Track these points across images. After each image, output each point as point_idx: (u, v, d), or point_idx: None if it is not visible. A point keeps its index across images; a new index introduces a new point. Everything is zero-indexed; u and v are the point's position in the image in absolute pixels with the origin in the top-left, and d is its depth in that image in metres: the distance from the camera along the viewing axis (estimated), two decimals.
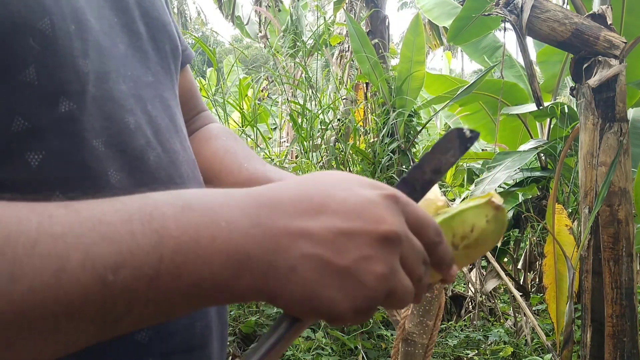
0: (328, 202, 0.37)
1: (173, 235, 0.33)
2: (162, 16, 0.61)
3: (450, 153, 0.45)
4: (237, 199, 0.37)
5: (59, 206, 0.33)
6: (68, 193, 0.43)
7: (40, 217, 0.32)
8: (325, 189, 0.38)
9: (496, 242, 0.48)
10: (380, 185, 0.40)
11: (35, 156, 0.41)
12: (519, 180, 3.64)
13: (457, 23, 3.87)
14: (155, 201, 0.35)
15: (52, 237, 0.31)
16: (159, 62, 0.58)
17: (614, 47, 2.00)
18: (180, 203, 0.35)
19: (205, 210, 0.35)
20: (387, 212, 0.38)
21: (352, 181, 0.40)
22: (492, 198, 0.46)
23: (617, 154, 2.00)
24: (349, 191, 0.38)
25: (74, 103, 0.43)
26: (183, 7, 26.13)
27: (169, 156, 0.53)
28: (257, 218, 0.36)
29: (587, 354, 2.13)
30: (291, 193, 0.38)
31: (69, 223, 0.32)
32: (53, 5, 0.43)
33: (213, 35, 7.82)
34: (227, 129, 0.75)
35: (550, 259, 2.42)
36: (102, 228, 0.32)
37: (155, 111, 0.53)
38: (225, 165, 0.66)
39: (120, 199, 0.35)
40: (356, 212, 0.37)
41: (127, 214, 0.33)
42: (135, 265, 0.32)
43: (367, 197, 0.38)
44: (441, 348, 3.09)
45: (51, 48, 0.42)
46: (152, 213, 0.34)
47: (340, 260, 0.36)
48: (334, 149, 3.73)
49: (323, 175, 0.41)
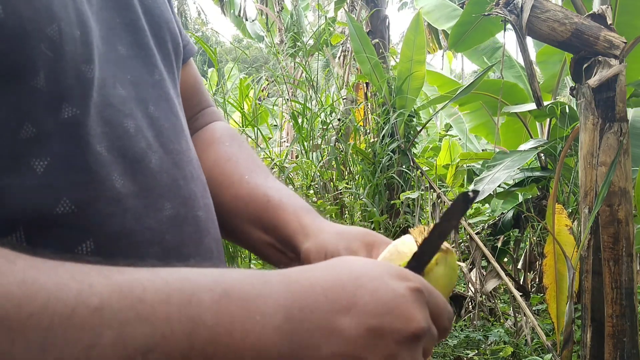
0: (360, 293, 0.38)
1: (207, 325, 0.34)
2: (164, 13, 0.60)
3: (455, 217, 0.48)
4: (273, 288, 0.37)
5: (100, 274, 0.33)
6: (75, 198, 0.42)
7: (80, 285, 0.31)
8: (357, 277, 0.39)
9: (450, 287, 0.49)
10: (407, 276, 0.41)
11: (41, 162, 0.41)
12: (519, 180, 3.64)
13: (457, 29, 3.86)
14: (195, 284, 0.35)
15: (88, 309, 0.31)
16: (162, 60, 0.58)
17: (614, 47, 2.00)
18: (219, 290, 0.35)
19: (242, 301, 0.36)
20: (415, 307, 0.39)
21: (382, 269, 0.40)
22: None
23: (617, 154, 2.00)
24: (379, 281, 0.39)
25: (76, 108, 0.43)
26: (183, 7, 26.13)
27: (172, 158, 0.53)
28: (290, 312, 0.36)
29: (587, 354, 2.13)
30: (323, 281, 0.39)
31: (108, 295, 0.32)
32: (61, 11, 0.43)
33: (214, 35, 7.83)
34: (232, 129, 0.74)
35: (550, 259, 2.42)
36: (140, 307, 0.32)
37: (158, 112, 0.53)
38: (226, 176, 0.65)
39: (162, 274, 0.35)
40: (387, 308, 0.38)
41: (166, 295, 0.33)
42: (165, 350, 0.32)
43: (397, 290, 0.39)
44: (441, 348, 3.09)
45: (58, 54, 0.42)
46: (191, 299, 0.34)
47: (369, 357, 0.37)
48: (335, 149, 3.74)
49: (353, 261, 0.42)
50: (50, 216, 0.41)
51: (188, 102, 0.70)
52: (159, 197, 0.50)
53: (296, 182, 3.65)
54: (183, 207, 0.52)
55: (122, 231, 0.45)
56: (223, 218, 0.63)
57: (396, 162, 3.88)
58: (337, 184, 3.78)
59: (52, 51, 0.41)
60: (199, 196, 0.55)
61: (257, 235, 0.62)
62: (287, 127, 5.65)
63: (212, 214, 0.58)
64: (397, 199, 3.71)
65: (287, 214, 0.60)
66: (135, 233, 0.46)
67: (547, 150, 3.48)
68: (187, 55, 0.69)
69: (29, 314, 0.29)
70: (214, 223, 0.58)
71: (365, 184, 3.87)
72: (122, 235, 0.45)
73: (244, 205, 0.63)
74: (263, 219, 0.61)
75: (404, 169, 3.87)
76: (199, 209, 0.54)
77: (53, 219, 0.42)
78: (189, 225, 0.52)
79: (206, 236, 0.55)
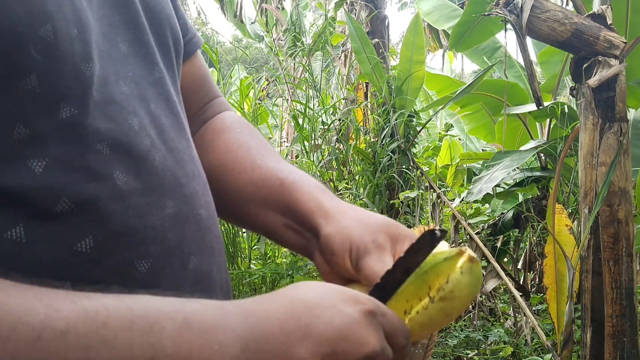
0: (314, 323, 0.40)
1: (167, 353, 0.36)
2: (164, 9, 0.60)
3: (420, 253, 0.48)
4: (232, 320, 0.40)
5: (67, 299, 0.35)
6: (74, 198, 0.43)
7: (47, 310, 0.33)
8: (312, 307, 0.41)
9: (472, 297, 0.50)
10: (360, 299, 0.43)
11: (39, 163, 0.41)
12: (519, 180, 3.64)
13: (458, 29, 3.86)
14: (158, 312, 0.37)
15: (54, 332, 0.32)
16: (162, 58, 0.57)
17: (614, 47, 2.00)
18: (180, 318, 0.37)
19: (201, 330, 0.38)
20: (369, 331, 0.41)
21: (335, 296, 0.43)
22: (466, 250, 0.48)
23: (617, 154, 2.00)
24: (333, 310, 0.41)
25: (75, 108, 0.43)
26: (184, 7, 26.12)
27: (174, 155, 0.53)
28: (246, 343, 0.39)
29: (587, 354, 2.13)
30: (280, 313, 0.41)
31: (74, 320, 0.33)
32: (56, 10, 0.42)
33: (214, 35, 7.81)
34: (241, 118, 0.74)
35: (550, 259, 2.42)
36: (104, 332, 0.34)
37: (158, 110, 0.53)
38: (237, 163, 0.65)
39: (127, 302, 0.37)
40: (341, 335, 0.40)
41: (129, 322, 0.35)
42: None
43: (351, 316, 0.41)
44: (441, 348, 3.09)
45: (53, 55, 0.42)
46: (153, 326, 0.36)
47: None
48: (335, 149, 3.74)
49: (309, 290, 0.43)
50: (50, 214, 0.42)
51: (197, 94, 0.69)
52: (162, 196, 0.49)
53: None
54: (185, 206, 0.52)
55: (124, 229, 0.45)
56: (237, 204, 0.64)
57: (396, 162, 3.88)
58: (337, 184, 3.78)
59: (45, 52, 0.41)
60: (200, 194, 0.55)
61: (273, 218, 0.62)
62: (287, 127, 5.65)
63: (213, 212, 0.58)
64: (397, 199, 3.71)
65: (302, 194, 0.59)
66: (137, 231, 0.46)
67: (547, 150, 3.48)
68: (193, 47, 0.68)
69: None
70: (215, 221, 0.58)
71: (366, 184, 3.87)
72: (124, 233, 0.45)
73: (258, 190, 0.62)
74: (278, 200, 0.61)
75: (404, 169, 3.87)
76: (200, 207, 0.54)
77: (52, 217, 0.42)
78: (190, 223, 0.52)
79: (207, 234, 0.55)
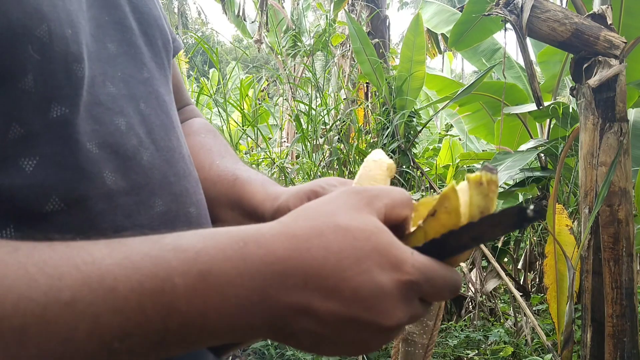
0: (342, 287, 0.36)
1: (181, 311, 0.34)
2: (152, 10, 0.60)
3: (500, 227, 0.39)
4: (254, 266, 0.36)
5: (69, 263, 0.33)
6: (65, 197, 0.43)
7: (49, 280, 0.32)
8: (344, 268, 0.36)
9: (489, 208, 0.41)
10: (401, 267, 0.37)
11: (30, 161, 0.41)
12: (519, 180, 3.64)
13: (457, 28, 3.87)
14: (168, 267, 0.34)
15: (60, 304, 0.31)
16: (152, 58, 0.58)
17: (614, 47, 2.00)
18: (194, 272, 0.34)
19: (217, 285, 0.35)
20: (398, 305, 0.37)
21: (373, 257, 0.37)
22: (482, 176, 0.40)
23: (617, 154, 2.00)
24: (366, 276, 0.36)
25: (66, 108, 0.43)
26: (184, 7, 26.13)
27: (164, 154, 0.53)
28: (266, 291, 0.35)
29: (587, 354, 2.13)
30: (307, 264, 0.36)
31: (79, 289, 0.32)
32: (50, 11, 0.42)
33: (214, 35, 7.84)
34: (208, 124, 0.76)
35: (550, 259, 2.42)
36: (112, 298, 0.32)
37: (149, 109, 0.53)
38: (198, 162, 0.66)
39: (133, 258, 0.34)
40: (367, 304, 0.36)
41: (138, 284, 0.33)
42: (141, 334, 0.33)
43: (383, 287, 0.36)
44: (441, 348, 3.09)
45: (47, 55, 0.42)
46: (164, 286, 0.34)
47: (338, 339, 0.38)
48: (336, 150, 3.74)
49: (343, 240, 0.37)
50: (40, 214, 0.42)
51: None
52: (150, 194, 0.50)
53: (297, 182, 3.65)
54: (174, 204, 0.52)
55: (112, 228, 0.46)
56: None
57: (396, 162, 3.89)
58: None
59: (41, 52, 0.41)
60: (191, 193, 0.55)
61: (223, 213, 0.63)
62: (287, 127, 5.65)
63: (204, 210, 0.58)
64: None
65: (253, 187, 0.61)
66: (125, 230, 0.46)
67: (547, 150, 3.49)
68: (174, 51, 0.69)
69: (0, 317, 0.30)
70: (207, 219, 0.58)
71: None
72: (113, 232, 0.46)
73: (212, 185, 0.64)
74: (229, 195, 0.62)
75: (405, 169, 3.87)
76: (191, 206, 0.55)
77: (42, 216, 0.42)
78: (180, 222, 0.52)
79: None
